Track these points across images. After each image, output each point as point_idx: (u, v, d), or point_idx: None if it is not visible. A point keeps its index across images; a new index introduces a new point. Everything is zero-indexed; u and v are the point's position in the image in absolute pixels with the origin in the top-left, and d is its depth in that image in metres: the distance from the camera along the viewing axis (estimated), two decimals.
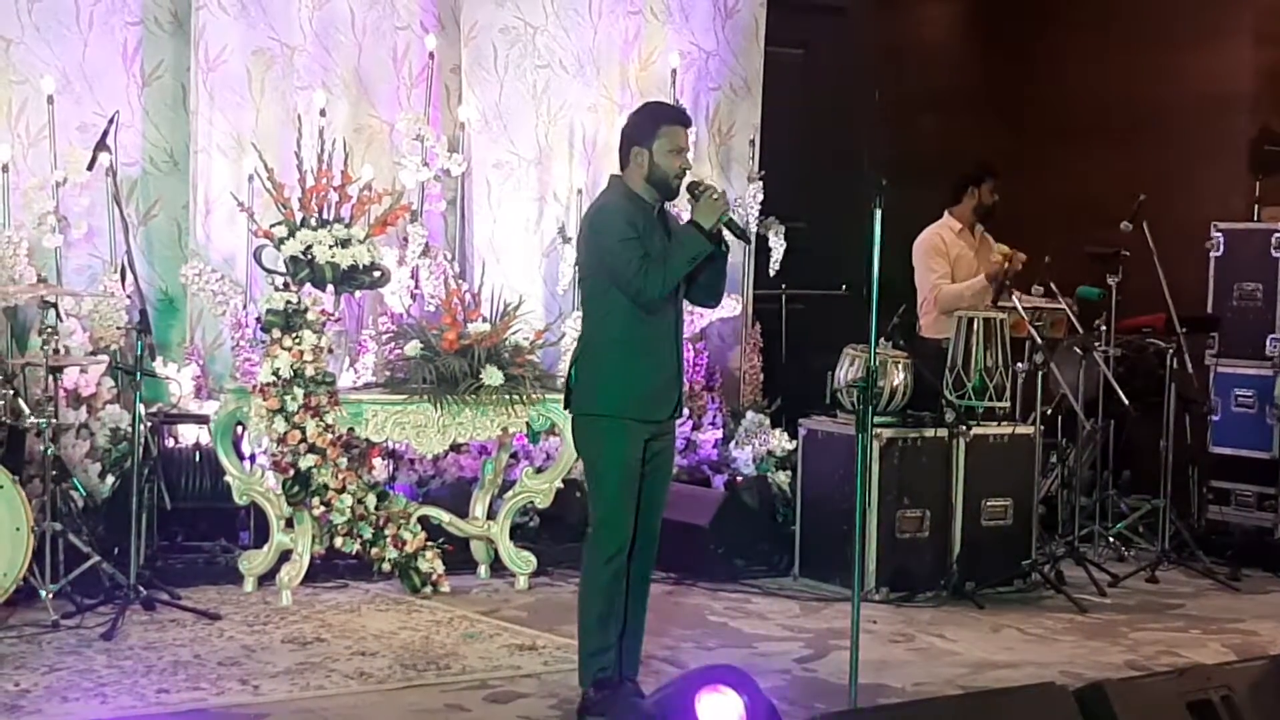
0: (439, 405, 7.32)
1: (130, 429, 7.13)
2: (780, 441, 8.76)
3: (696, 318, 8.90)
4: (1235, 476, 8.70)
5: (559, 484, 7.69)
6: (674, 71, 9.08)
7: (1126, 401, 8.01)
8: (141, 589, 6.64)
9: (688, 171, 5.54)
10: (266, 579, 7.22)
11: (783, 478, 8.56)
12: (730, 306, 9.06)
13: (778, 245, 9.09)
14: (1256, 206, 9.03)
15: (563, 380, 5.84)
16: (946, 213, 8.49)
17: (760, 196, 9.13)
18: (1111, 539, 8.46)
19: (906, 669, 6.30)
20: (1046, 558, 7.85)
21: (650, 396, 5.47)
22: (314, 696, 5.75)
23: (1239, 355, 8.74)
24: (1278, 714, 4.63)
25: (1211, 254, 8.88)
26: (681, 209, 6.24)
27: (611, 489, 5.47)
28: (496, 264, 8.46)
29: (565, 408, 5.66)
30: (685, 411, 6.01)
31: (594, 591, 5.50)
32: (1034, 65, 10.34)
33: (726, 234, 5.51)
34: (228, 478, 7.27)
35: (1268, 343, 8.56)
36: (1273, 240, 8.48)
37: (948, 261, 8.34)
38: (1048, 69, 10.26)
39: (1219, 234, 8.87)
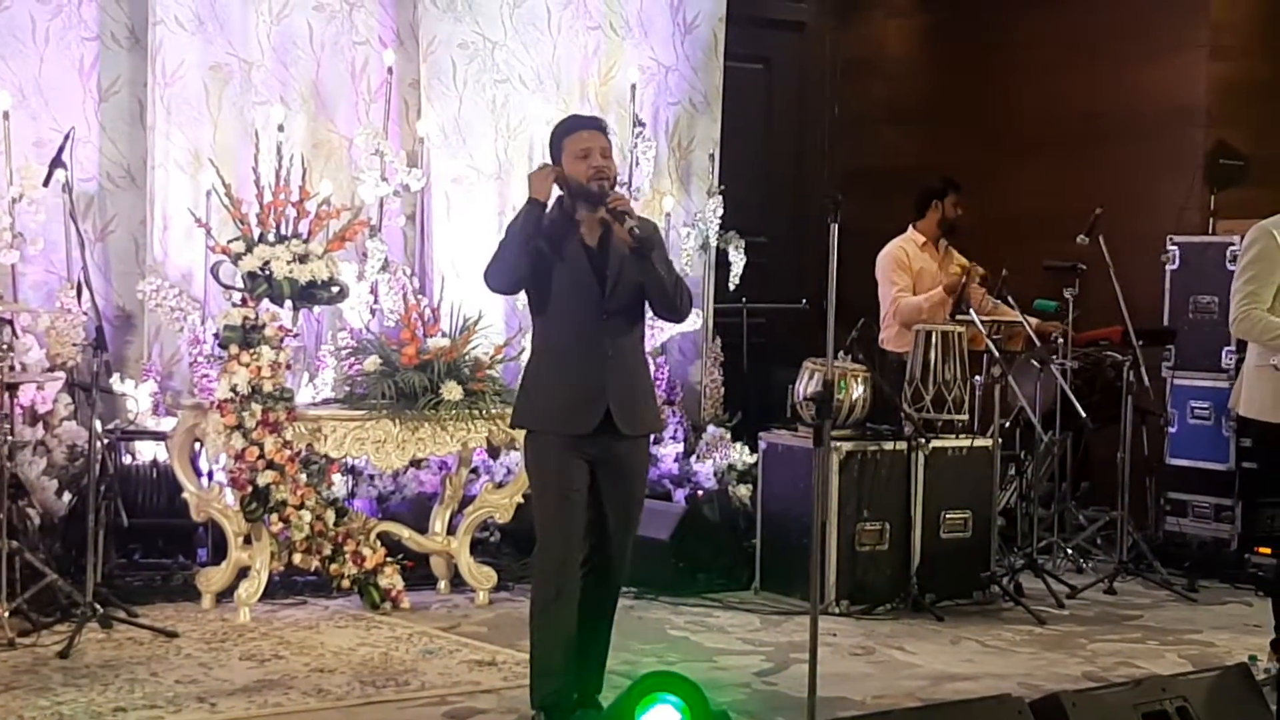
0: (398, 421, 7.30)
1: (87, 446, 7.09)
2: (741, 455, 8.78)
3: (657, 332, 8.92)
4: (1192, 488, 8.75)
5: (519, 499, 7.66)
6: (633, 86, 9.10)
7: (1084, 414, 8.05)
8: (98, 607, 6.60)
9: (602, 171, 5.34)
10: (224, 596, 7.19)
11: (744, 491, 8.57)
12: (690, 320, 9.07)
13: (737, 259, 9.11)
14: (1212, 220, 9.10)
15: None
16: (911, 227, 8.54)
17: (720, 211, 9.15)
18: (1070, 551, 8.49)
19: (866, 681, 6.31)
20: (1005, 570, 7.88)
21: (563, 409, 5.35)
22: (272, 714, 5.72)
23: (1195, 368, 8.80)
24: None
25: (1167, 267, 8.93)
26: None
27: (539, 505, 5.44)
28: (456, 279, 8.43)
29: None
30: (661, 430, 5.80)
31: (536, 612, 5.44)
32: (992, 79, 10.40)
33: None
34: (185, 494, 7.24)
35: (1223, 355, 8.62)
36: (1228, 253, 8.54)
37: (910, 275, 8.39)
38: (1006, 83, 10.32)
39: (1175, 247, 8.92)
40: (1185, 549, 8.65)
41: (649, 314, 5.59)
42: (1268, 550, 8.18)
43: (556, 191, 5.44)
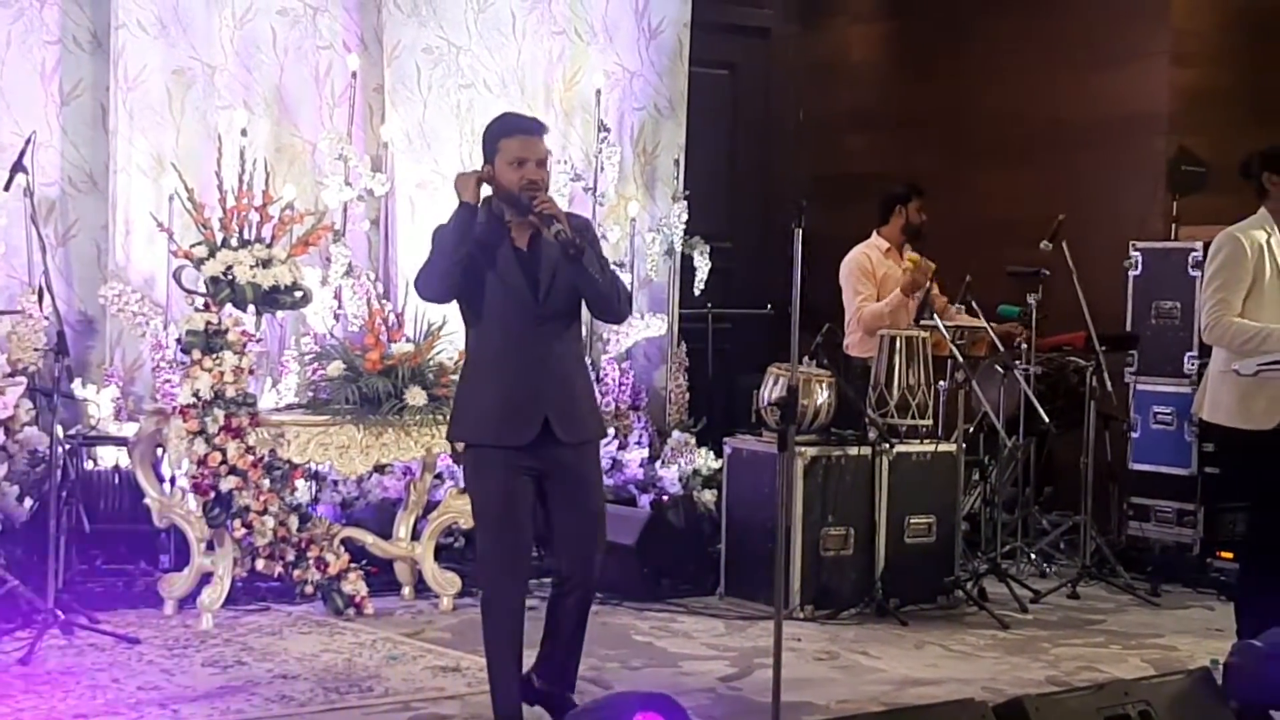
0: (362, 426, 7.27)
1: (48, 451, 7.05)
2: (706, 460, 8.78)
3: (621, 337, 8.92)
4: (1155, 493, 8.79)
5: None
6: (598, 92, 9.10)
7: (1047, 419, 8.08)
8: (60, 613, 6.55)
9: (536, 182, 5.17)
10: (187, 602, 7.15)
11: (709, 496, 8.57)
12: (655, 325, 9.09)
13: (702, 264, 9.11)
14: (1174, 226, 9.14)
15: None
16: (875, 233, 8.57)
17: (685, 216, 9.16)
18: (1033, 555, 8.52)
19: (830, 686, 6.31)
20: (969, 574, 7.91)
21: (500, 420, 5.20)
22: None
23: (1158, 373, 8.84)
24: None
25: (1130, 273, 8.97)
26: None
27: (480, 527, 5.36)
28: None
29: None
30: (604, 435, 5.58)
31: (484, 626, 5.38)
32: (956, 86, 10.43)
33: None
34: (147, 500, 7.20)
35: (1186, 360, 8.66)
36: (1190, 259, 8.58)
37: (874, 281, 8.41)
38: (969, 89, 10.35)
39: (1137, 253, 8.96)
40: (1148, 553, 8.68)
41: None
42: (1230, 555, 8.22)
43: (485, 190, 5.29)
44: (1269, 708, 4.88)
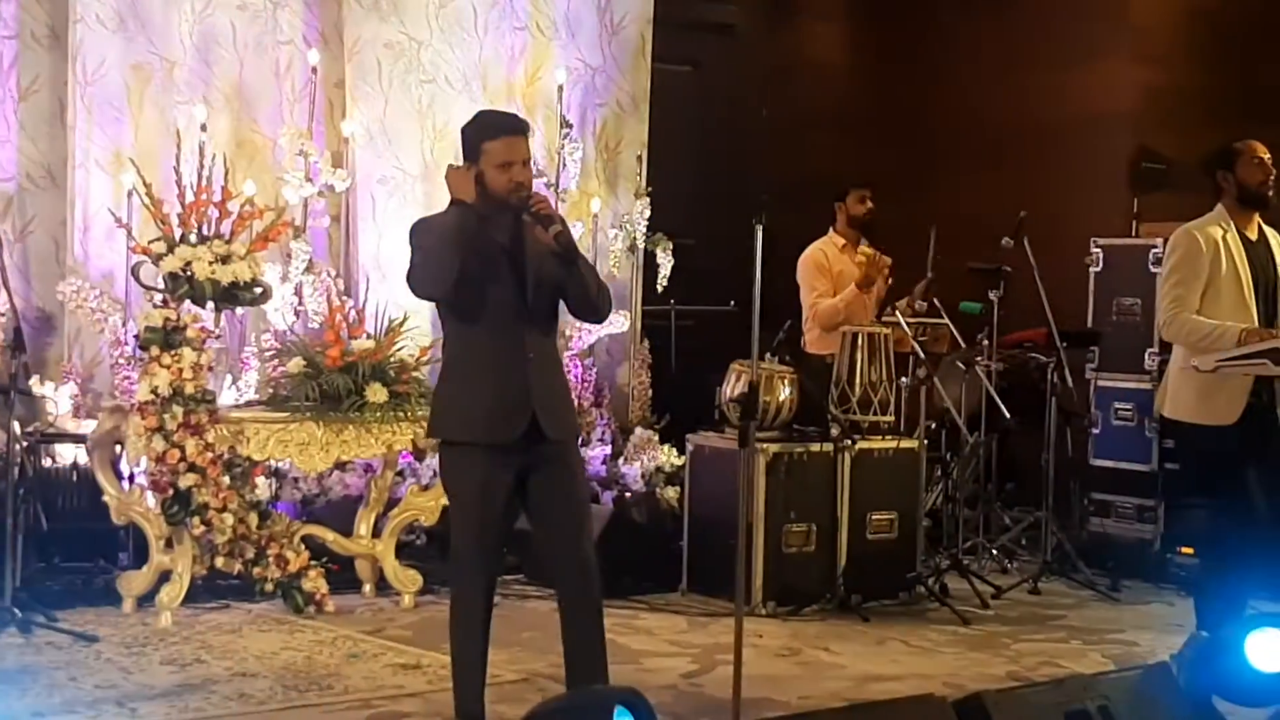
0: (322, 423, 7.24)
1: (6, 449, 6.99)
2: (669, 457, 8.77)
3: (585, 334, 8.90)
4: (1116, 489, 8.81)
5: (445, 501, 7.61)
6: (560, 88, 9.08)
7: (1008, 415, 8.10)
8: (17, 611, 6.51)
9: (523, 184, 5.16)
10: (146, 600, 7.10)
11: (671, 493, 8.56)
12: (618, 322, 9.06)
13: (665, 261, 9.10)
14: (1135, 223, 9.15)
15: None
16: (831, 229, 8.56)
17: (648, 213, 9.14)
18: (995, 551, 8.54)
19: (792, 683, 6.31)
20: (931, 570, 7.92)
21: (487, 417, 5.18)
22: (193, 718, 5.66)
23: (1119, 369, 8.86)
24: None
25: (1091, 270, 8.99)
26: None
27: (456, 525, 5.33)
28: (382, 280, 8.38)
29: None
30: (578, 436, 5.57)
31: (452, 625, 5.37)
32: (919, 84, 10.45)
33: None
34: (106, 498, 7.16)
35: (1146, 357, 8.68)
36: (1151, 256, 8.61)
37: (830, 278, 8.40)
38: (933, 88, 10.37)
39: (1098, 250, 8.98)
40: (1109, 549, 8.70)
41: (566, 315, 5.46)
42: (1190, 550, 8.24)
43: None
44: (1211, 694, 4.91)
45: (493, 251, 5.22)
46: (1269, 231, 6.50)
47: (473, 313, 5.23)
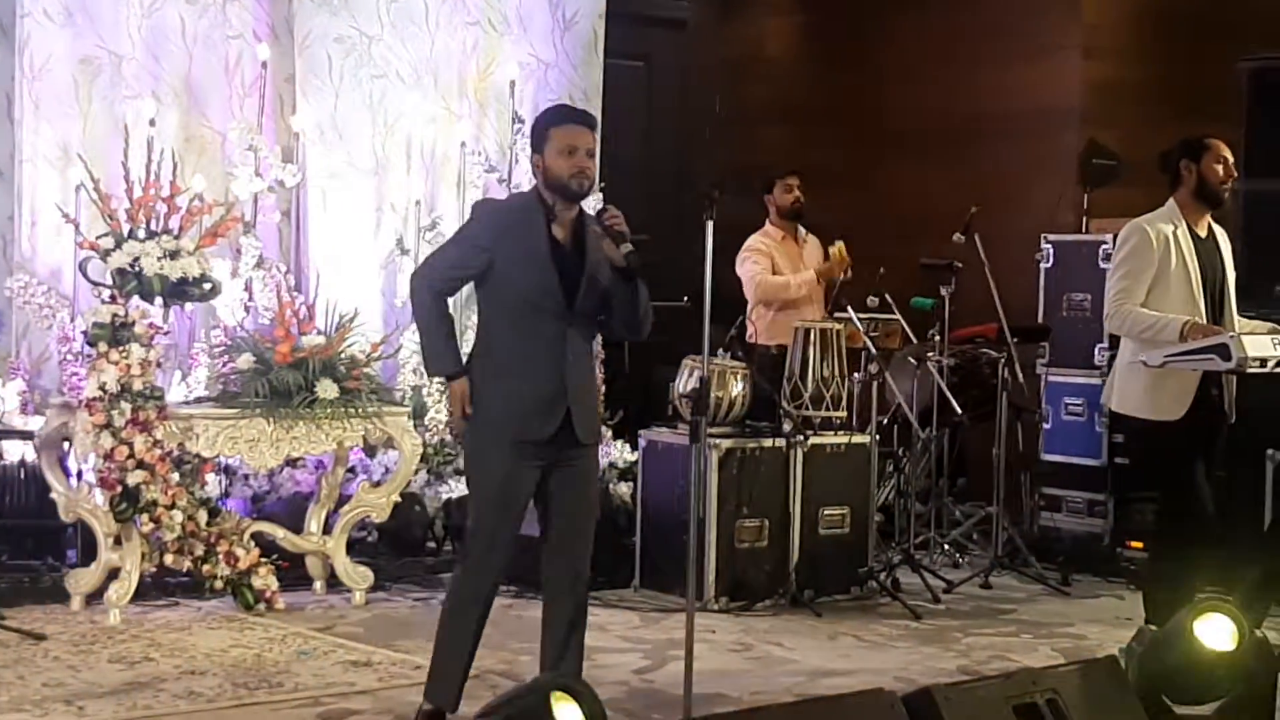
0: (272, 419, 7.20)
1: None
2: (622, 453, 8.75)
3: None
4: (1066, 483, 8.85)
5: (396, 498, 7.61)
6: (513, 83, 9.06)
7: (959, 410, 8.13)
8: None
9: (585, 171, 5.17)
10: (94, 598, 7.05)
11: (624, 489, 8.54)
12: None
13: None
14: (1085, 218, 9.21)
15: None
16: (767, 221, 8.55)
17: (600, 208, 9.10)
18: (946, 546, 8.57)
19: (744, 678, 6.31)
20: (883, 565, 7.94)
21: (523, 412, 5.16)
22: (142, 716, 5.62)
23: (1069, 364, 8.90)
24: (1102, 715, 4.72)
25: (1042, 265, 9.03)
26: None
27: (477, 508, 5.31)
28: (332, 276, 8.35)
29: None
30: (599, 440, 5.59)
31: (450, 612, 5.33)
32: (871, 79, 10.48)
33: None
34: (54, 495, 7.10)
35: (1096, 352, 8.73)
36: (1101, 251, 8.65)
37: (769, 259, 8.35)
38: (884, 83, 10.40)
39: (1049, 245, 9.02)
40: (1059, 543, 8.74)
41: None
42: (1139, 544, 8.29)
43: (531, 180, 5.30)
44: (1162, 693, 4.94)
45: (543, 247, 5.17)
46: (1217, 229, 6.55)
47: (512, 303, 5.19)
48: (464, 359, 5.33)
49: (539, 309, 5.17)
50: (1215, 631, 5.00)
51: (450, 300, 5.46)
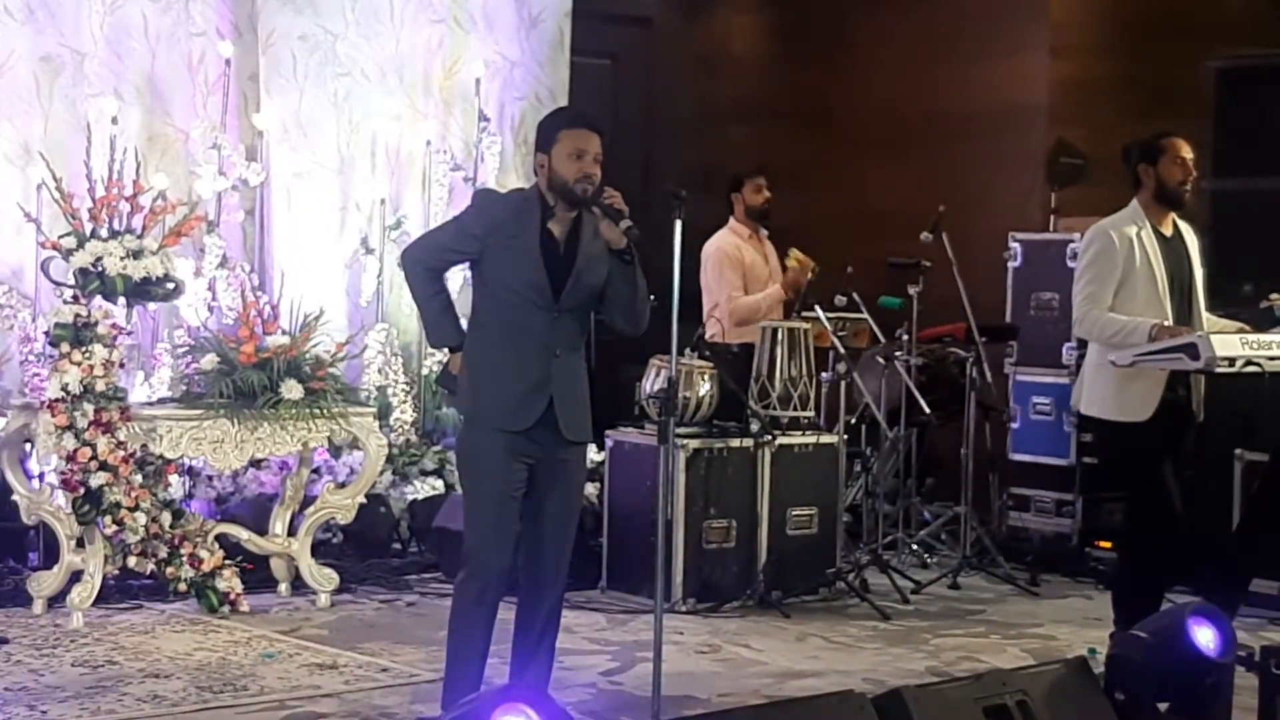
0: (236, 420, 7.14)
1: None
2: (589, 454, 8.70)
3: None
4: (1034, 483, 8.86)
5: (362, 499, 7.56)
6: (478, 81, 9.02)
7: (927, 410, 8.12)
8: None
9: (591, 177, 5.13)
10: (57, 601, 6.99)
11: (591, 489, 8.48)
12: None
13: None
14: (1053, 217, 9.21)
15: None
16: (731, 219, 8.51)
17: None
18: (914, 546, 8.55)
19: (712, 680, 6.29)
20: (851, 565, 7.92)
21: (506, 403, 5.13)
22: None
23: (1037, 364, 8.91)
24: (1071, 717, 4.70)
25: (1010, 264, 9.03)
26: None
27: (473, 501, 5.24)
28: (297, 275, 8.30)
29: None
30: (589, 440, 5.54)
31: (459, 616, 5.23)
32: (838, 77, 10.46)
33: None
34: (15, 497, 7.05)
35: (1064, 351, 8.73)
36: (1069, 251, 8.65)
37: (742, 270, 8.34)
38: (852, 81, 10.38)
39: (1017, 244, 9.02)
40: (1028, 543, 8.75)
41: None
42: (1108, 544, 8.30)
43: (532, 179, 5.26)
44: (1155, 700, 4.91)
45: (534, 241, 5.14)
46: (1184, 227, 6.54)
47: (502, 296, 5.16)
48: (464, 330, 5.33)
49: (526, 302, 5.14)
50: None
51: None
